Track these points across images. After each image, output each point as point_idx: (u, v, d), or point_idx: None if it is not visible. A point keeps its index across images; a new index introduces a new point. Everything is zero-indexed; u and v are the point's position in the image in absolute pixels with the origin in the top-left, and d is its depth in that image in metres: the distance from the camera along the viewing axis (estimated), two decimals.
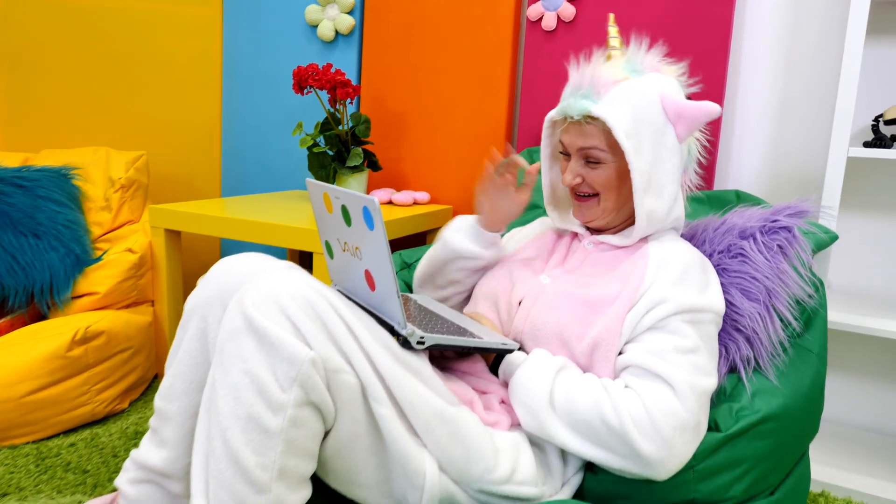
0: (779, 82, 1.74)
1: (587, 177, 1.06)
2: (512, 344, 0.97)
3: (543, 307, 1.03)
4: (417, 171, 2.14)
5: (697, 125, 1.02)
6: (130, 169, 1.99)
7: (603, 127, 1.02)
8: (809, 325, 1.17)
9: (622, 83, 1.01)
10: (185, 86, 2.40)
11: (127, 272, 1.76)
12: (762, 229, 1.12)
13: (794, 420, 1.08)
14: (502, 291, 1.11)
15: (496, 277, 1.15)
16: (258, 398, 0.74)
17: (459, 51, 2.02)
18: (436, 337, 0.86)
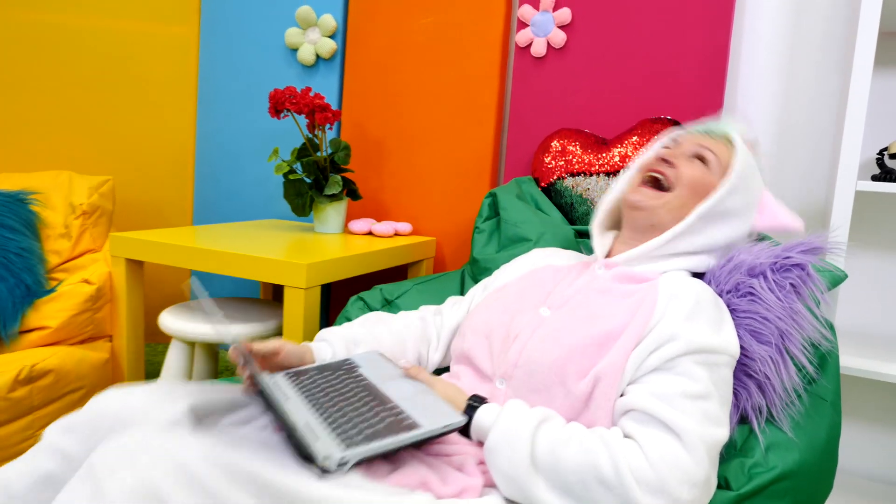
0: (776, 113, 1.67)
1: (683, 168, 1.03)
2: (457, 421, 0.81)
3: (542, 341, 0.93)
4: (399, 201, 2.04)
5: (778, 228, 1.05)
6: (94, 194, 1.87)
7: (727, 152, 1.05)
8: (822, 370, 1.08)
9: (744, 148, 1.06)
10: (158, 108, 2.30)
11: (82, 305, 1.63)
12: (773, 266, 1.03)
13: (810, 477, 0.99)
14: (497, 325, 1.00)
15: (489, 310, 1.05)
16: None
17: (445, 77, 1.94)
18: (361, 451, 0.72)
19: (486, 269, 1.52)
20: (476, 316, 1.05)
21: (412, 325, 1.15)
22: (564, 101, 1.79)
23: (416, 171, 2.01)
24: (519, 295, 1.05)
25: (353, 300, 1.44)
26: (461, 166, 1.94)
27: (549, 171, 1.68)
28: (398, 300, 1.46)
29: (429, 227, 2.01)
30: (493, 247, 1.57)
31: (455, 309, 1.18)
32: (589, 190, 1.61)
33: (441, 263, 2.00)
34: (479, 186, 1.92)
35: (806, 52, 1.63)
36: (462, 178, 1.94)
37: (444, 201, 1.97)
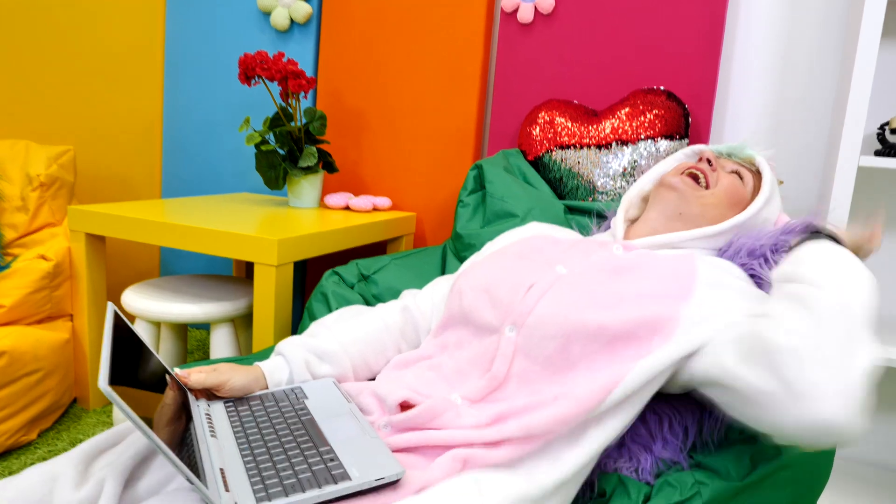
0: (773, 87, 1.61)
1: (720, 179, 1.04)
2: (393, 474, 0.71)
3: (564, 292, 0.86)
4: (378, 175, 1.95)
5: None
6: (53, 165, 1.76)
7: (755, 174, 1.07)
8: None
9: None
10: (122, 74, 2.17)
11: (39, 282, 1.53)
12: (773, 248, 0.98)
13: (810, 465, 0.94)
14: (500, 279, 0.92)
15: (489, 267, 0.97)
16: None
17: (427, 44, 1.84)
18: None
19: (470, 244, 1.44)
20: (473, 274, 0.97)
21: (393, 320, 1.04)
22: (552, 71, 1.70)
23: (395, 143, 1.92)
24: (522, 255, 0.98)
25: (327, 275, 1.36)
26: (443, 138, 1.85)
27: (537, 144, 1.61)
28: (375, 275, 1.38)
29: (409, 202, 1.92)
30: (478, 221, 1.50)
31: (444, 283, 1.09)
32: (579, 164, 1.53)
33: (421, 240, 1.92)
34: (462, 160, 1.83)
35: (805, 23, 1.56)
36: (444, 150, 1.86)
37: (425, 175, 1.89)
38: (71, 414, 1.64)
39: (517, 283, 0.90)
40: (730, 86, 1.64)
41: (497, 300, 0.90)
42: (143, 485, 0.74)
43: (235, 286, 1.64)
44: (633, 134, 1.50)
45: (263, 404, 0.85)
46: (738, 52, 1.62)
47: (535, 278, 0.90)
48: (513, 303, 0.88)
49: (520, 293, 0.88)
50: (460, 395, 0.83)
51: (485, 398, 0.83)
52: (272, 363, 0.92)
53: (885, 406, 1.62)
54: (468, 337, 0.92)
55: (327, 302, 1.31)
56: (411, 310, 1.06)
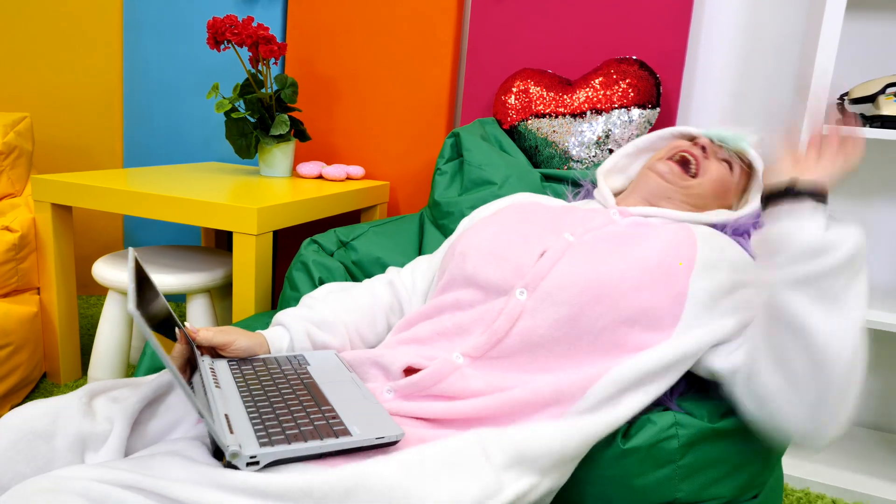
0: (740, 56, 1.65)
1: (709, 167, 1.05)
2: (393, 435, 0.73)
3: (578, 260, 0.87)
4: (350, 143, 1.94)
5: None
6: (10, 133, 1.69)
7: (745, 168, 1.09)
8: None
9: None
10: (77, 37, 2.08)
11: (4, 255, 1.48)
12: (755, 224, 1.06)
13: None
14: (506, 242, 0.93)
15: (492, 228, 0.97)
16: None
17: (399, 10, 1.82)
18: (275, 451, 0.66)
19: (448, 212, 1.45)
20: (476, 236, 0.97)
21: (381, 294, 1.05)
22: (526, 40, 1.71)
23: (367, 112, 1.91)
24: (523, 220, 0.98)
25: (306, 243, 1.35)
26: (416, 107, 1.85)
27: (512, 113, 1.62)
28: (354, 242, 1.38)
29: (382, 171, 1.92)
30: (456, 189, 1.51)
31: (429, 263, 1.10)
32: (554, 132, 1.55)
33: (395, 208, 1.92)
34: (435, 128, 1.84)
35: None
36: (417, 119, 1.85)
37: (398, 144, 1.88)
38: (41, 388, 1.60)
39: (527, 246, 0.91)
40: (698, 54, 1.67)
41: (505, 262, 0.90)
42: (149, 429, 0.76)
43: (209, 256, 1.62)
44: (606, 103, 1.53)
45: (266, 365, 0.86)
46: (707, 21, 1.65)
47: (546, 243, 0.91)
48: (523, 265, 0.88)
49: (532, 257, 0.89)
50: (461, 351, 0.84)
51: (484, 355, 0.84)
52: (274, 331, 0.93)
53: None
54: (472, 297, 0.92)
55: (308, 271, 1.31)
56: (396, 284, 1.08)
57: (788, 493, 1.43)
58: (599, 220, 0.98)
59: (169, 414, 0.77)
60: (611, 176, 1.20)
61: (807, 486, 1.45)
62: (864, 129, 1.34)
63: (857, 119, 1.41)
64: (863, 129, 1.34)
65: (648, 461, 0.88)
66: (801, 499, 1.41)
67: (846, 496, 1.43)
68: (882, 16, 1.54)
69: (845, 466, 1.51)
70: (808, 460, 1.52)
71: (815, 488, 1.45)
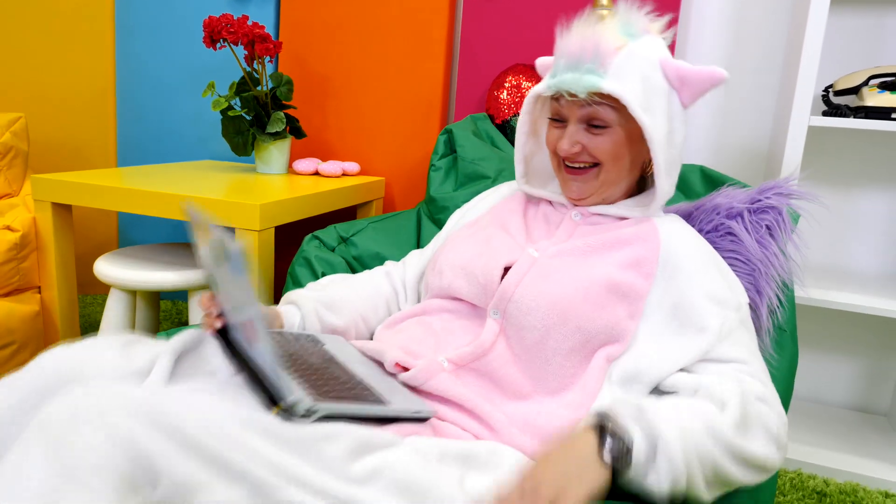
0: (727, 51, 1.69)
1: (589, 144, 0.91)
2: (427, 410, 0.78)
3: (539, 280, 0.87)
4: (345, 140, 1.96)
5: (702, 92, 0.91)
6: (6, 133, 1.70)
7: (613, 103, 0.89)
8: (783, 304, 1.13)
9: (623, 50, 0.88)
10: (69, 37, 2.09)
11: (6, 254, 1.49)
12: (749, 208, 1.07)
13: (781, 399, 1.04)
14: (476, 258, 0.94)
15: (465, 244, 0.99)
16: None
17: (392, 7, 1.85)
18: (330, 406, 0.68)
19: (444, 207, 1.48)
20: (451, 251, 0.99)
21: (380, 283, 1.08)
22: (517, 37, 1.74)
23: (362, 109, 1.93)
24: (494, 230, 1.00)
25: (308, 239, 1.37)
26: (410, 103, 1.87)
27: (504, 108, 1.65)
28: (354, 237, 1.41)
29: (377, 167, 1.94)
30: (451, 184, 1.53)
31: (419, 257, 1.13)
32: None
33: (391, 204, 1.94)
34: (429, 124, 1.86)
35: None
36: (411, 115, 1.88)
37: (393, 140, 1.91)
38: None
39: (493, 261, 0.91)
40: (686, 49, 1.71)
41: (474, 278, 0.91)
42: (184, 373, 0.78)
43: None
44: None
45: (284, 338, 0.87)
46: (695, 15, 1.69)
47: (511, 257, 0.91)
48: (490, 283, 0.89)
49: (497, 273, 0.90)
50: (446, 357, 0.86)
51: (469, 364, 0.86)
52: (286, 308, 0.95)
53: (819, 344, 1.76)
54: (456, 305, 0.95)
55: (311, 266, 1.33)
56: (392, 275, 1.11)
57: (781, 474, 1.47)
58: (563, 231, 0.96)
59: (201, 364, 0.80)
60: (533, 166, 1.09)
61: (799, 467, 1.50)
62: (850, 119, 1.38)
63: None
64: (847, 119, 1.38)
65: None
66: (794, 479, 1.45)
67: (837, 476, 1.48)
68: (864, 10, 1.59)
69: (835, 448, 1.56)
70: (800, 443, 1.57)
71: (807, 469, 1.50)
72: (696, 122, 1.74)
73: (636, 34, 0.91)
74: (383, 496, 0.62)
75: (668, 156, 0.91)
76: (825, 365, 1.76)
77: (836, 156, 1.66)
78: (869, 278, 1.63)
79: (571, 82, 0.88)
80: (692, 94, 0.92)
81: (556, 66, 0.91)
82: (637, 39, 0.90)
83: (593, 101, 0.89)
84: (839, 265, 1.71)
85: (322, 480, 0.60)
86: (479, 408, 0.82)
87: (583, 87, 0.87)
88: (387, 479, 0.63)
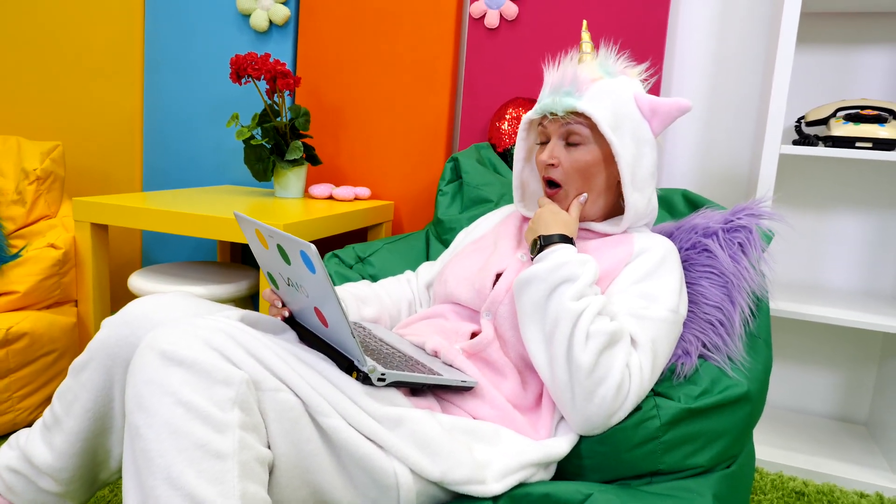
0: (708, 85, 1.84)
1: (563, 159, 1.07)
2: (471, 381, 0.94)
3: None
4: (357, 167, 2.11)
5: (671, 119, 1.08)
6: (46, 160, 1.84)
7: (587, 122, 1.05)
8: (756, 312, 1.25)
9: (599, 82, 1.06)
10: (101, 73, 2.25)
11: (50, 269, 1.63)
12: (723, 228, 1.18)
13: (757, 400, 1.14)
14: (477, 268, 1.10)
15: (469, 258, 1.15)
16: (202, 424, 0.67)
17: (400, 46, 2.01)
18: (397, 374, 0.82)
19: (451, 228, 1.62)
20: (456, 265, 1.15)
21: (404, 288, 1.27)
22: (517, 71, 1.89)
23: (372, 138, 2.08)
24: (494, 244, 1.16)
25: (328, 256, 1.51)
26: (417, 133, 2.02)
27: (505, 137, 1.79)
28: (371, 257, 1.54)
29: (387, 192, 2.08)
30: (457, 208, 1.67)
31: (429, 269, 1.31)
32: None
33: (399, 226, 2.08)
34: (435, 153, 2.01)
35: (734, 33, 1.80)
36: (418, 144, 2.03)
37: (401, 167, 2.06)
38: None
39: (487, 268, 1.08)
40: (672, 83, 1.86)
41: (471, 285, 1.07)
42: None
43: (231, 270, 1.77)
44: None
45: None
46: (679, 51, 1.85)
47: (503, 264, 1.08)
48: (484, 289, 1.05)
49: (489, 280, 1.06)
50: (461, 346, 1.03)
51: (476, 354, 1.02)
52: None
53: (801, 357, 1.88)
54: (458, 312, 1.11)
55: None
56: (412, 282, 1.29)
57: (763, 475, 1.58)
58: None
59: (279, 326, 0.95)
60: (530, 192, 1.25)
61: (780, 469, 1.61)
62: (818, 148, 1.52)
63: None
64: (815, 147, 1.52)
65: (635, 438, 1.01)
66: (775, 480, 1.56)
67: (815, 478, 1.59)
68: (831, 48, 1.74)
69: (814, 452, 1.67)
70: (781, 448, 1.68)
71: (787, 472, 1.60)
72: (682, 149, 1.88)
73: (613, 73, 1.08)
74: (403, 443, 0.77)
75: (636, 174, 1.06)
76: (806, 376, 1.88)
77: (810, 181, 1.80)
78: (843, 293, 1.76)
79: (551, 104, 1.05)
80: (662, 122, 1.08)
81: (541, 94, 1.10)
82: (613, 77, 1.08)
83: (570, 120, 1.05)
84: (815, 281, 1.84)
85: (358, 413, 0.77)
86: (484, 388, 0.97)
87: (561, 106, 1.04)
88: (407, 429, 0.78)
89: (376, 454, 0.77)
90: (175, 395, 0.67)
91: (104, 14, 2.22)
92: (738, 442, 1.13)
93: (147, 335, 0.74)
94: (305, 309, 0.86)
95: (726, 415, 1.08)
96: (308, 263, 0.76)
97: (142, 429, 0.67)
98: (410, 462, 0.78)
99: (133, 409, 0.69)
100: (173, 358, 0.69)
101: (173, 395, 0.67)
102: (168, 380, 0.68)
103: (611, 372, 0.90)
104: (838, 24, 1.73)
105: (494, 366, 1.00)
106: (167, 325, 0.75)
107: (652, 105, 1.07)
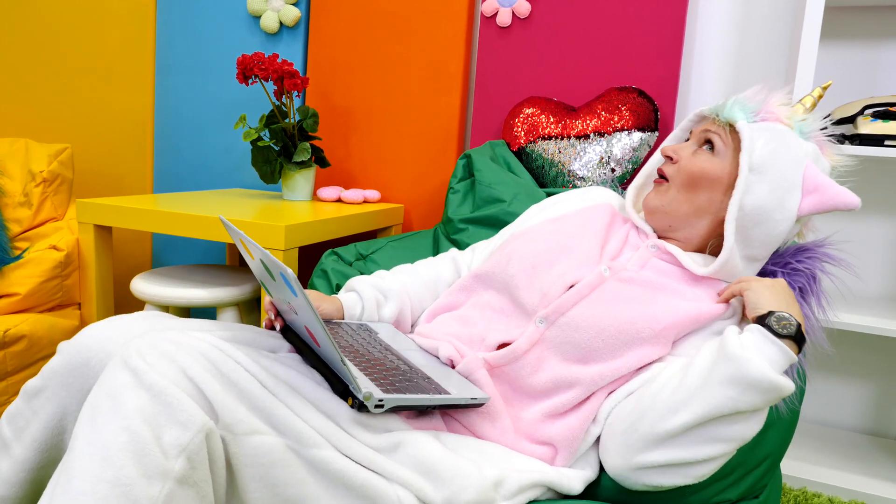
0: (728, 84, 1.77)
1: (684, 157, 0.97)
2: (482, 397, 0.84)
3: (600, 304, 0.91)
4: (366, 169, 2.07)
5: (828, 207, 0.94)
6: (53, 162, 1.83)
7: (735, 143, 0.95)
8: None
9: (784, 126, 0.96)
10: (112, 75, 2.24)
11: (51, 271, 1.61)
12: (783, 270, 1.05)
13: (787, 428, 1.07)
14: (546, 262, 0.97)
15: (541, 241, 1.01)
16: (135, 463, 0.61)
17: (411, 46, 1.97)
18: (396, 398, 0.76)
19: (461, 228, 1.57)
20: (529, 241, 1.02)
21: (443, 269, 1.15)
22: (530, 71, 1.84)
23: (382, 140, 2.04)
24: (573, 236, 1.02)
25: (326, 254, 1.46)
26: (428, 135, 1.98)
27: (521, 137, 1.74)
28: (373, 255, 1.49)
29: (396, 195, 2.04)
30: (468, 207, 1.62)
31: (487, 246, 1.18)
32: (559, 153, 1.67)
33: (409, 229, 2.04)
34: (446, 155, 1.96)
35: (755, 28, 1.73)
36: (429, 146, 1.98)
37: (411, 170, 2.01)
38: None
39: (561, 275, 0.95)
40: (690, 82, 1.80)
41: (536, 282, 0.95)
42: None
43: (235, 273, 1.74)
44: (608, 126, 1.65)
45: (343, 330, 0.94)
46: (697, 51, 1.78)
47: (579, 274, 0.94)
48: (549, 294, 0.93)
49: (560, 287, 0.93)
50: (483, 356, 0.92)
51: (500, 367, 0.92)
52: (348, 297, 1.04)
53: (828, 367, 1.79)
54: (502, 301, 0.99)
55: (328, 278, 1.41)
56: (458, 261, 1.18)
57: (786, 491, 1.50)
58: (638, 257, 0.99)
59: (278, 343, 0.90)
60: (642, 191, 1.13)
61: (804, 485, 1.53)
62: (844, 146, 1.45)
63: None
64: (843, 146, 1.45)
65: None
66: (799, 496, 1.48)
67: (843, 494, 1.50)
68: (858, 43, 1.67)
69: (841, 468, 1.58)
70: (806, 462, 1.59)
71: (812, 487, 1.52)
72: None
73: (807, 135, 0.97)
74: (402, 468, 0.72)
75: (745, 222, 0.93)
76: (833, 387, 1.79)
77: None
78: (878, 300, 1.67)
79: (722, 107, 0.96)
80: (817, 205, 0.94)
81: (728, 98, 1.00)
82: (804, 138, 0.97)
83: (721, 132, 0.96)
84: (842, 286, 1.75)
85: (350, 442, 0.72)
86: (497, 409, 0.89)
87: (728, 113, 0.95)
88: (406, 452, 0.73)
89: (376, 480, 0.72)
90: (125, 421, 0.63)
91: (115, 16, 2.21)
92: (767, 474, 1.06)
93: (133, 341, 0.70)
94: (297, 323, 0.82)
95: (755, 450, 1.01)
96: (289, 286, 0.72)
97: (79, 441, 0.63)
98: (412, 488, 0.73)
99: (84, 415, 0.65)
100: (143, 380, 0.65)
101: (124, 420, 0.63)
102: (127, 402, 0.64)
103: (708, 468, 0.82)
104: (864, 18, 1.66)
105: (515, 384, 0.91)
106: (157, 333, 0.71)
107: (818, 182, 0.94)
